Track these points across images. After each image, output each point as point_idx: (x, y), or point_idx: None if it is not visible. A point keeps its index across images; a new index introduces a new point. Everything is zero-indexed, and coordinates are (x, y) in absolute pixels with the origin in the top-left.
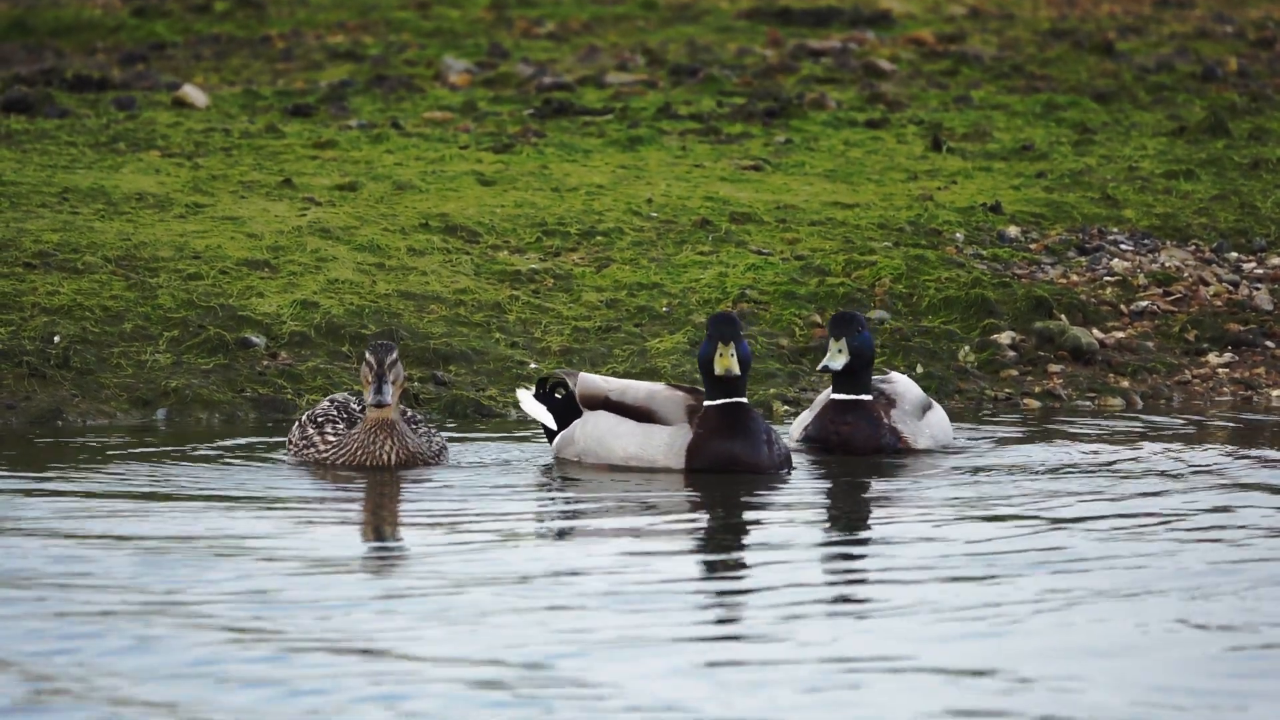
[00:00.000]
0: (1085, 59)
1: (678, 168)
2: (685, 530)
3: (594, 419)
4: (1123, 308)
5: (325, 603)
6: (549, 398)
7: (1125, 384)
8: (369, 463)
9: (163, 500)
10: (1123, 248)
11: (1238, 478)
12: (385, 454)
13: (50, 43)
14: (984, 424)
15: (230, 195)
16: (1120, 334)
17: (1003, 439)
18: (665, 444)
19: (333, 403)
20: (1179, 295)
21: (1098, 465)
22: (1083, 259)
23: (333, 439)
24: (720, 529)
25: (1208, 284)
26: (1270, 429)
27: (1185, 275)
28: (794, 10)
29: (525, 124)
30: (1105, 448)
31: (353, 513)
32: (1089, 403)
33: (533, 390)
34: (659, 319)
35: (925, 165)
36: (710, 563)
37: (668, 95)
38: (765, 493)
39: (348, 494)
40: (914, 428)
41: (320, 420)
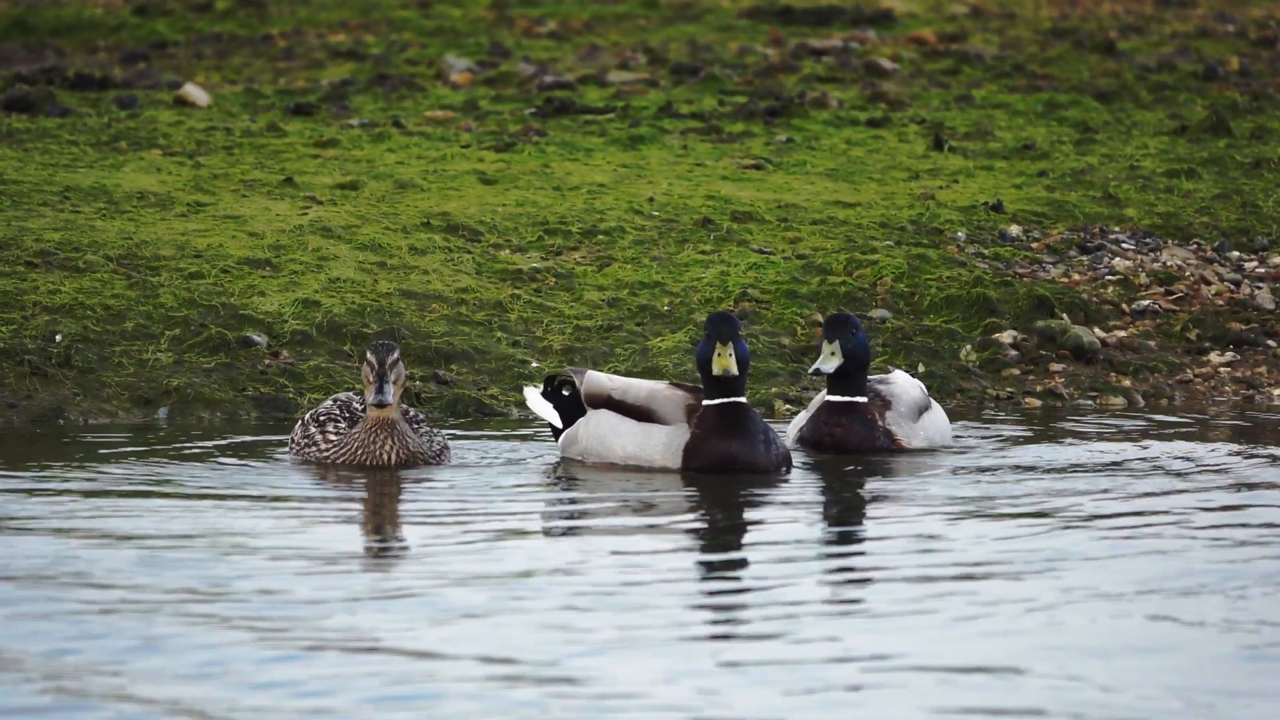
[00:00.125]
0: (1087, 58)
1: (679, 167)
2: (683, 530)
3: (596, 418)
4: (1124, 307)
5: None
6: (556, 395)
7: (1127, 383)
8: (369, 462)
9: (164, 498)
10: (1124, 247)
11: (1243, 476)
12: (385, 454)
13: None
14: (985, 423)
15: (232, 194)
16: (1122, 333)
17: (1004, 438)
18: (663, 444)
19: (336, 402)
20: (1181, 294)
21: (1100, 464)
22: (1084, 258)
23: (334, 438)
24: (718, 529)
25: (1209, 283)
26: (1273, 427)
27: (1187, 274)
28: (795, 9)
29: (527, 123)
30: (1107, 447)
31: (351, 511)
32: (1091, 402)
33: (540, 388)
34: (660, 318)
35: (927, 164)
36: (708, 562)
37: (669, 94)
38: (763, 492)
39: (347, 493)
40: (908, 430)
41: (322, 419)
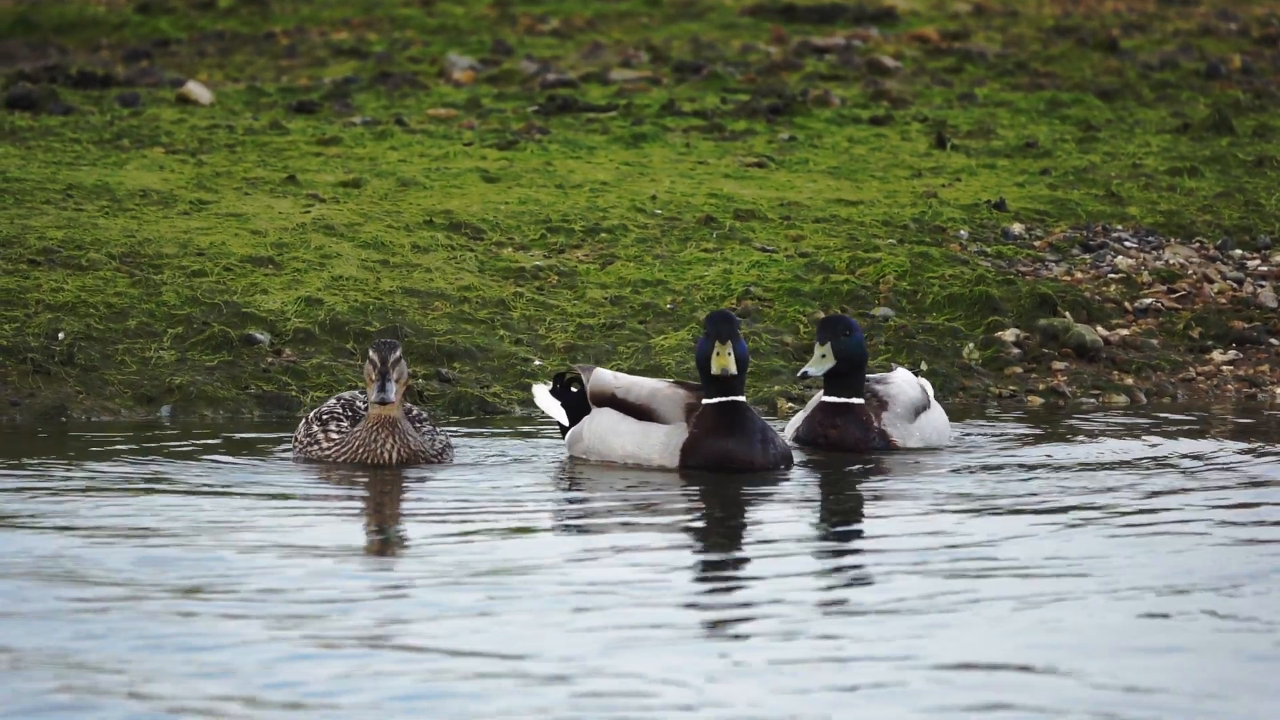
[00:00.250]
0: (1089, 56)
1: (682, 165)
2: (680, 529)
3: (600, 416)
4: (1127, 305)
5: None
6: (564, 393)
7: (1129, 381)
8: (370, 461)
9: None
10: (1127, 245)
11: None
12: (386, 452)
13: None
14: (988, 421)
15: (234, 192)
16: (1124, 331)
17: (1006, 436)
18: (661, 443)
19: (339, 401)
20: (1183, 292)
21: (1104, 462)
22: (1087, 256)
23: (335, 436)
24: (715, 527)
25: (1212, 281)
26: (1278, 425)
27: (1189, 272)
28: (798, 7)
29: (529, 121)
30: (1111, 445)
31: (350, 510)
32: (1093, 400)
33: (549, 386)
34: (663, 316)
35: (929, 162)
36: (707, 561)
37: (672, 92)
38: (761, 491)
39: (347, 491)
40: (904, 430)
41: (325, 418)
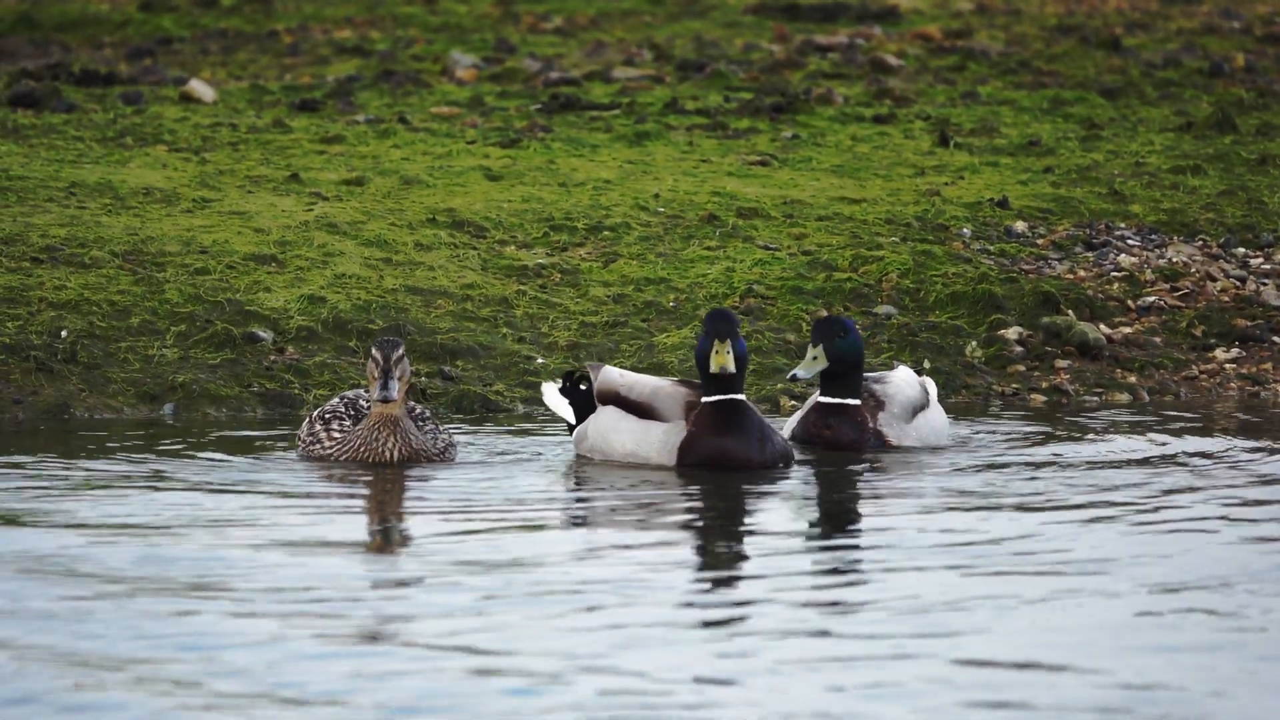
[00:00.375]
0: (1092, 55)
1: (685, 163)
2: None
3: (603, 414)
4: (1130, 303)
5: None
6: (574, 391)
7: (1132, 379)
8: (371, 459)
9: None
10: (1130, 243)
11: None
12: (388, 451)
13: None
14: (991, 419)
15: (237, 190)
16: (1127, 329)
17: (1009, 434)
18: (660, 441)
19: (343, 399)
20: (1186, 291)
21: (1107, 461)
22: (1090, 254)
23: (338, 435)
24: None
25: (1215, 279)
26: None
27: (1192, 271)
28: (801, 5)
29: (532, 119)
30: (1114, 443)
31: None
32: (1096, 398)
33: (559, 384)
34: (666, 314)
35: (932, 161)
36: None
37: (675, 90)
38: (761, 489)
39: (349, 489)
40: (900, 430)
41: (328, 417)
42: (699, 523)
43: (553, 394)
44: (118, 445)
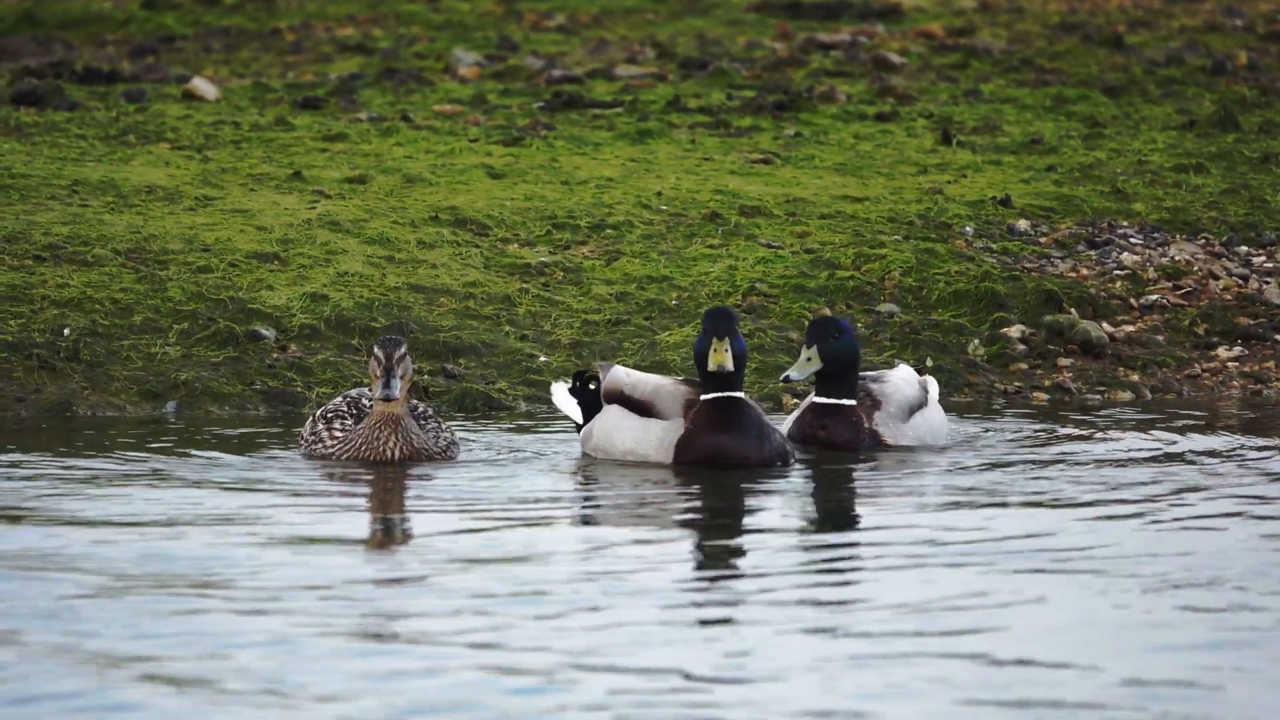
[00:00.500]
0: (1095, 53)
1: (687, 161)
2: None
3: (607, 413)
4: (1132, 301)
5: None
6: (583, 391)
7: (1135, 378)
8: (372, 458)
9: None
10: (1132, 241)
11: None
12: (389, 449)
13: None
14: (993, 418)
15: (240, 188)
16: (1130, 328)
17: (1012, 432)
18: (658, 438)
19: (345, 398)
20: (1189, 289)
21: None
22: (1092, 253)
23: (339, 434)
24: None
25: (1217, 278)
26: None
27: (1195, 269)
28: (803, 3)
29: (535, 117)
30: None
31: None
32: (1098, 396)
33: (569, 384)
34: (669, 312)
35: (935, 159)
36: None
37: (677, 88)
38: (760, 487)
39: (351, 487)
40: (895, 430)
41: (330, 416)
42: (700, 521)
43: (562, 394)
44: (120, 443)
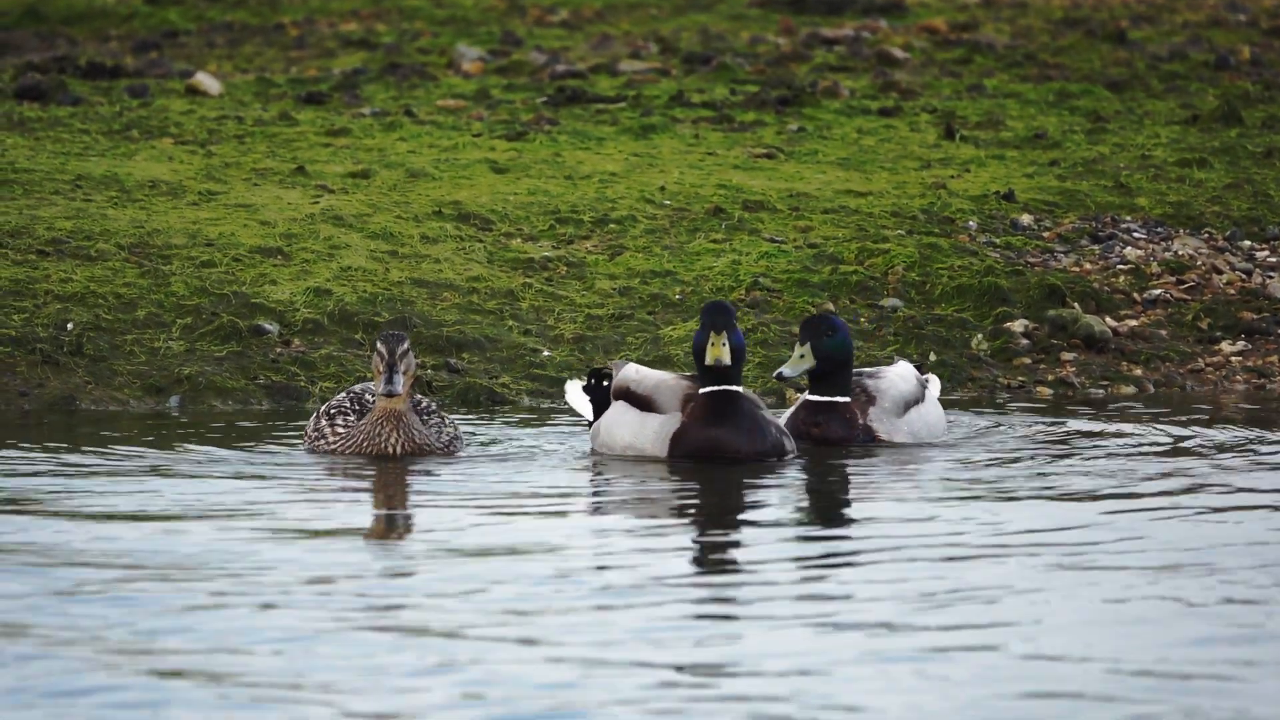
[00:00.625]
0: (1098, 47)
1: (691, 156)
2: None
3: (613, 409)
4: (1135, 296)
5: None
6: (596, 389)
7: (1138, 372)
8: (373, 453)
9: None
10: (1136, 236)
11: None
12: (391, 444)
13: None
14: (997, 411)
15: (243, 183)
16: (1133, 322)
17: (1014, 427)
18: (655, 432)
19: (349, 394)
20: (1192, 283)
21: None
22: (1096, 247)
23: (341, 430)
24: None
25: (1221, 272)
26: None
27: (1198, 263)
28: None
29: (538, 112)
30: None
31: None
32: (1102, 391)
33: (583, 382)
34: (672, 307)
35: (938, 153)
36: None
37: (681, 83)
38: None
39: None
40: (890, 426)
41: (332, 412)
42: (703, 516)
43: (575, 392)
44: (123, 437)
